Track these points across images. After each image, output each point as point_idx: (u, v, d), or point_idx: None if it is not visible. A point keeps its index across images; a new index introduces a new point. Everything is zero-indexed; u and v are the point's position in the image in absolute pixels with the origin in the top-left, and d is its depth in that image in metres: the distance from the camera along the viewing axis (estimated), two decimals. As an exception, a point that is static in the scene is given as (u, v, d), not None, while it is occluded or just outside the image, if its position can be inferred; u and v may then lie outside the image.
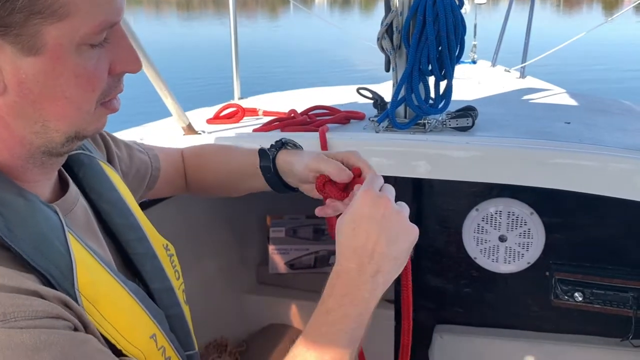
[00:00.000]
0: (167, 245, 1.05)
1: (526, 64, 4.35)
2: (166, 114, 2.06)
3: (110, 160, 1.13)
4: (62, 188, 0.89)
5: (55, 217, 0.78)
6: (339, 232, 0.90)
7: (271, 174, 1.24)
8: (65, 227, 0.77)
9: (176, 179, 1.36)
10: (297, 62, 18.08)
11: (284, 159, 1.23)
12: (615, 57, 17.36)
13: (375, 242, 0.87)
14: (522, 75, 4.32)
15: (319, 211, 1.14)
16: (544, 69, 5.07)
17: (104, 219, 0.95)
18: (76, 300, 0.73)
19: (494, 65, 4.90)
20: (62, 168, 0.90)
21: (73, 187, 0.90)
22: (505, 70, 4.66)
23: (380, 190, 0.93)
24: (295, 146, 1.28)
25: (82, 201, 0.91)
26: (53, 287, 0.71)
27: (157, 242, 1.02)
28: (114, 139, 1.18)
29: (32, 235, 0.72)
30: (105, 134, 1.15)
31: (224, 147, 1.47)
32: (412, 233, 0.91)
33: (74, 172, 0.95)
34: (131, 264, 0.95)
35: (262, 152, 1.26)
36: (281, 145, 1.26)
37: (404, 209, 0.92)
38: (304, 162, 1.18)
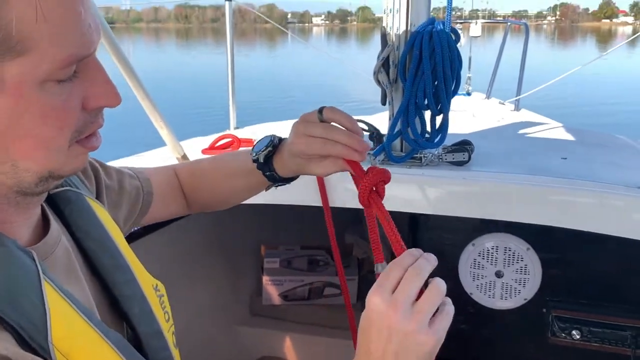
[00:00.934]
0: (156, 285, 1.00)
1: (521, 96, 4.37)
2: (162, 142, 2.04)
3: (99, 192, 1.08)
4: (45, 227, 0.84)
5: (31, 265, 0.72)
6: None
7: (278, 180, 1.21)
8: (42, 275, 0.72)
9: (173, 198, 1.31)
10: (294, 91, 18.21)
11: (281, 163, 1.19)
12: (609, 90, 17.54)
13: (382, 355, 0.80)
14: (517, 108, 4.34)
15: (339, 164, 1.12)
16: (538, 102, 5.11)
17: (90, 259, 0.90)
18: (50, 356, 0.68)
19: (488, 97, 4.93)
20: (46, 206, 0.86)
21: (54, 227, 0.85)
22: (500, 102, 4.68)
23: (397, 286, 0.83)
24: (273, 142, 1.22)
25: (65, 242, 0.86)
26: (26, 342, 0.67)
27: (147, 283, 0.97)
28: (104, 167, 1.14)
29: (4, 286, 0.68)
30: (94, 162, 1.11)
31: (216, 156, 1.43)
32: (427, 345, 0.81)
33: (60, 209, 0.91)
34: (118, 307, 0.90)
35: (259, 167, 1.22)
36: (269, 149, 1.21)
37: (421, 311, 0.81)
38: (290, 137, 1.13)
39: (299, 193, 1.78)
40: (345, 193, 1.74)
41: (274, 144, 1.19)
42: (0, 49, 0.64)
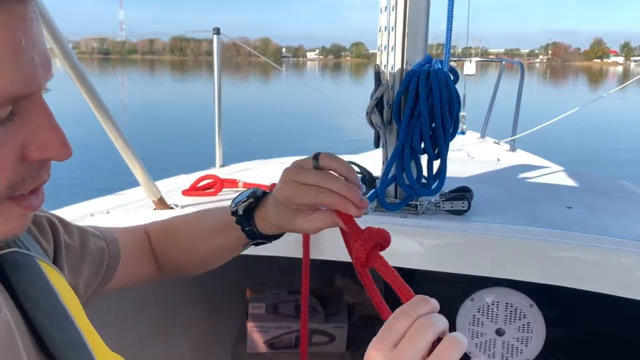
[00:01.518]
0: None
1: (516, 137, 4.33)
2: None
3: (57, 253, 0.95)
4: None
5: None
6: None
7: (258, 238, 1.09)
8: None
9: (142, 262, 1.17)
10: (285, 127, 18.27)
11: (262, 218, 1.07)
12: (604, 132, 17.71)
13: None
14: (513, 148, 4.30)
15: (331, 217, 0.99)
16: (533, 142, 5.08)
17: (39, 335, 0.77)
18: None
19: (483, 136, 4.90)
20: None
21: None
22: (495, 142, 4.64)
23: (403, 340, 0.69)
24: (255, 194, 1.10)
25: (7, 314, 0.73)
26: None
27: (105, 359, 0.83)
28: (65, 224, 1.01)
29: None
30: (53, 218, 0.98)
31: (191, 213, 1.26)
32: None
33: (6, 274, 0.78)
34: None
35: (239, 221, 1.09)
36: (250, 202, 1.08)
37: None
38: (280, 211, 1.01)
39: (283, 245, 1.67)
40: (334, 245, 1.62)
41: (257, 196, 1.07)
42: None
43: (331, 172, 0.96)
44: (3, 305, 0.72)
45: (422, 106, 1.62)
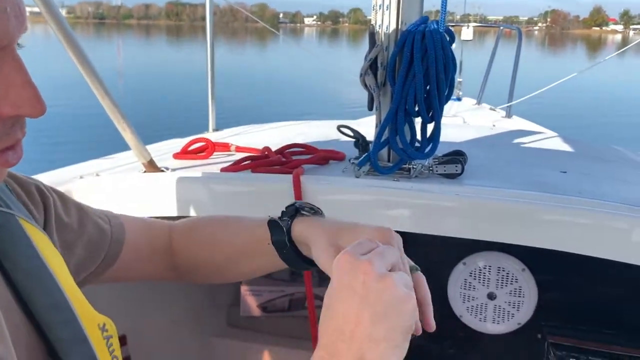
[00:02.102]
0: (104, 324, 0.82)
1: (512, 103, 4.30)
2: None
3: (46, 224, 0.91)
4: None
5: None
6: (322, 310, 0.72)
7: (287, 250, 0.97)
8: None
9: (150, 257, 1.10)
10: (282, 92, 18.16)
11: (300, 230, 0.96)
12: (599, 99, 17.66)
13: (355, 322, 0.68)
14: (509, 115, 4.28)
15: None
16: (529, 109, 5.06)
17: (20, 295, 0.74)
18: None
19: (479, 103, 4.87)
20: None
21: None
22: (491, 108, 4.61)
23: (366, 254, 0.73)
24: (313, 210, 1.00)
25: None
26: None
27: (91, 322, 0.80)
28: (64, 201, 0.96)
29: None
30: (49, 194, 0.93)
31: (222, 220, 1.16)
32: (405, 304, 0.70)
33: None
34: (55, 354, 0.74)
35: (272, 224, 0.99)
36: (295, 211, 0.98)
37: (398, 274, 0.72)
38: (325, 238, 0.91)
39: (272, 206, 1.65)
40: (320, 206, 1.61)
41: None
42: None
43: None
44: None
45: (417, 68, 1.59)
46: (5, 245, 0.75)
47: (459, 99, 4.93)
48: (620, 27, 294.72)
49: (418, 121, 1.72)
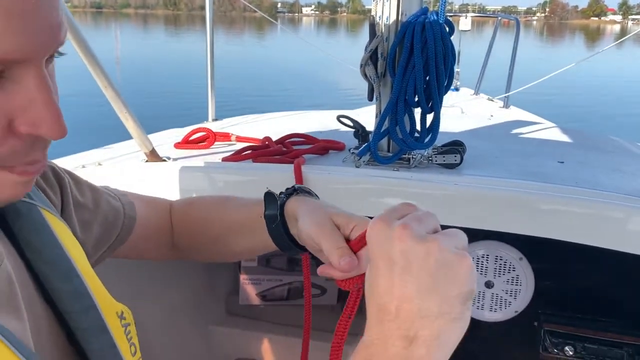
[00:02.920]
0: (122, 312, 0.84)
1: (510, 93, 4.30)
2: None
3: (64, 207, 0.91)
4: None
5: None
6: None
7: (277, 224, 0.95)
8: None
9: (158, 235, 1.12)
10: (280, 82, 18.11)
11: (293, 205, 0.95)
12: (598, 90, 17.63)
13: (400, 297, 0.61)
14: (506, 105, 4.28)
15: (321, 270, 0.83)
16: (527, 99, 5.06)
17: (42, 284, 0.75)
18: None
19: (476, 93, 4.87)
20: None
21: None
22: (489, 99, 4.61)
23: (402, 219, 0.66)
24: (311, 195, 1.00)
25: (6, 265, 0.70)
26: None
27: (109, 310, 0.81)
28: (77, 181, 0.97)
29: None
30: (63, 174, 0.93)
31: (220, 198, 1.17)
32: (458, 267, 0.61)
33: (8, 223, 0.75)
34: (75, 341, 0.76)
35: (269, 197, 0.99)
36: (293, 190, 0.99)
37: (443, 234, 0.66)
38: (313, 219, 0.89)
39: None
40: (320, 195, 1.63)
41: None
42: None
43: None
44: (5, 256, 0.71)
45: (416, 58, 1.60)
46: (28, 235, 0.76)
47: (456, 89, 4.93)
48: (618, 18, 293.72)
49: (417, 111, 1.74)
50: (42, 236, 0.77)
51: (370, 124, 1.89)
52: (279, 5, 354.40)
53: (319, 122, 2.48)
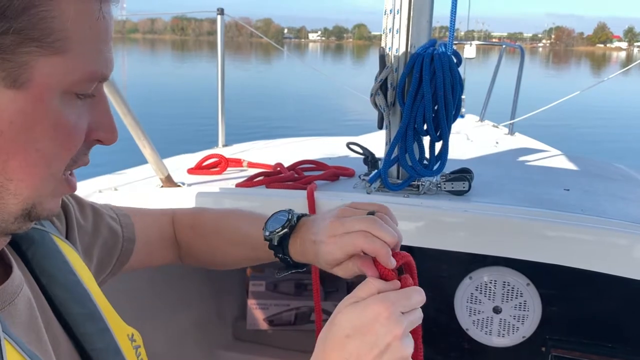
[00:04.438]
0: (132, 335, 0.88)
1: (515, 120, 4.33)
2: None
3: (69, 233, 0.95)
4: (4, 272, 0.73)
5: None
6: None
7: (281, 245, 1.01)
8: (2, 334, 0.62)
9: (162, 247, 1.16)
10: (286, 108, 18.19)
11: (307, 221, 1.01)
12: (603, 117, 17.63)
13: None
14: (511, 132, 4.31)
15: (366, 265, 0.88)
16: (531, 126, 5.09)
17: (57, 308, 0.79)
18: None
19: (482, 120, 4.90)
20: (7, 246, 0.75)
21: (17, 274, 0.73)
22: (494, 125, 4.65)
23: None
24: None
25: (27, 291, 0.74)
26: None
27: (121, 332, 0.86)
28: (80, 203, 1.01)
29: None
30: (67, 198, 0.97)
31: (222, 214, 1.22)
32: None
33: (22, 250, 0.80)
34: None
35: (280, 213, 1.05)
36: (301, 215, 1.05)
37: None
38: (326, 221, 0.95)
39: None
40: None
41: (291, 225, 1.02)
42: (43, 42, 0.59)
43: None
44: (24, 281, 0.74)
45: (425, 89, 1.65)
46: (42, 261, 0.80)
47: (462, 116, 4.96)
48: (624, 44, 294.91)
49: (426, 140, 1.78)
50: (55, 262, 0.82)
51: (376, 150, 1.93)
52: (286, 31, 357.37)
53: (327, 148, 2.52)
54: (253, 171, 2.06)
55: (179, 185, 1.90)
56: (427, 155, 1.79)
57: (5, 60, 0.58)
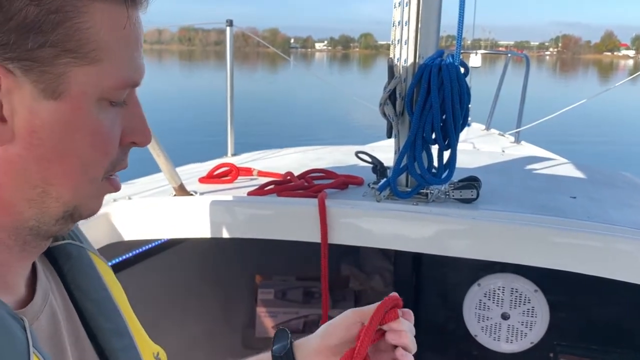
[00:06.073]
0: (158, 354, 0.91)
1: (521, 129, 4.35)
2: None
3: None
4: (32, 282, 0.74)
5: (21, 337, 0.62)
6: None
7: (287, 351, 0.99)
8: (32, 349, 0.62)
9: None
10: (293, 117, 18.21)
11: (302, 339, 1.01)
12: (609, 125, 17.55)
13: None
14: (517, 140, 4.32)
15: None
16: (537, 134, 5.10)
17: (87, 322, 0.81)
18: None
19: (488, 128, 4.91)
20: (38, 261, 0.76)
21: (42, 288, 0.74)
22: (500, 134, 4.66)
23: None
24: None
25: (54, 305, 0.75)
26: None
27: (147, 350, 0.88)
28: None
29: None
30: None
31: None
32: None
33: (59, 264, 0.82)
34: None
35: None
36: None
37: None
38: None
39: (297, 228, 1.73)
40: (343, 229, 1.69)
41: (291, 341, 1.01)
42: (78, 53, 0.62)
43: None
44: (51, 295, 0.76)
45: (433, 99, 1.68)
46: (77, 276, 0.83)
47: (468, 124, 4.99)
48: (632, 53, 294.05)
49: (434, 148, 1.81)
50: (89, 277, 0.84)
51: (384, 159, 1.96)
52: (292, 40, 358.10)
53: (335, 157, 2.55)
54: (263, 180, 2.09)
55: (191, 194, 1.93)
56: (435, 163, 1.81)
57: (44, 72, 0.61)
